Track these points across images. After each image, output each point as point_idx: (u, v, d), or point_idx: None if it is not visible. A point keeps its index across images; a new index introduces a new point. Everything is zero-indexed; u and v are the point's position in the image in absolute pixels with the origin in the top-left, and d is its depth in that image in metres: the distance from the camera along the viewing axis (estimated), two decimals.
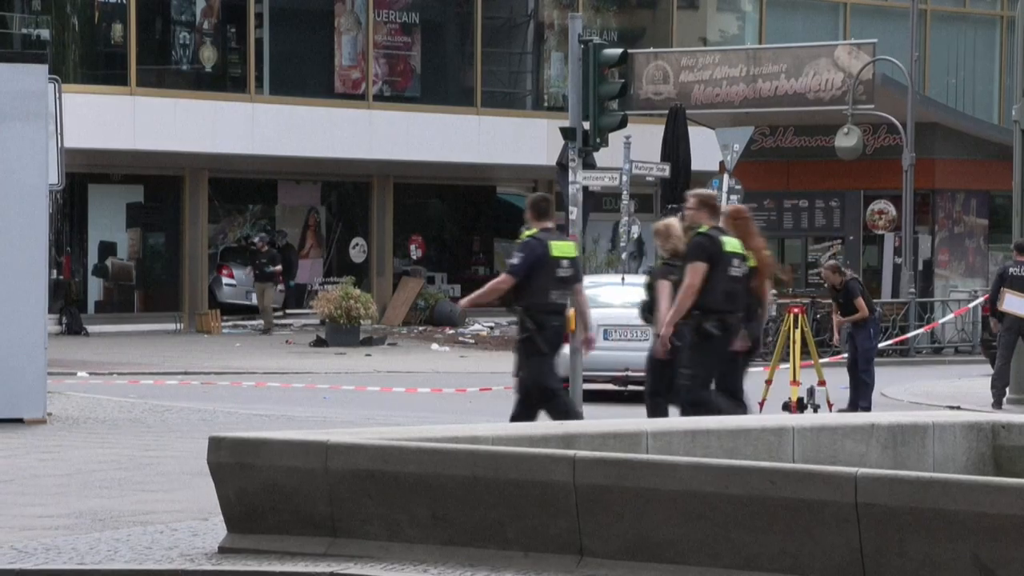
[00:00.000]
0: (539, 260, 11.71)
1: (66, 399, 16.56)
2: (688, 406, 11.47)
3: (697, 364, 11.45)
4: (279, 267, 32.28)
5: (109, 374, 22.85)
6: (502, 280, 11.95)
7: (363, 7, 34.67)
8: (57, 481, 11.18)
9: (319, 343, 29.50)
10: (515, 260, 11.82)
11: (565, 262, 11.89)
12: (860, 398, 18.11)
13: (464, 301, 12.24)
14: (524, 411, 11.92)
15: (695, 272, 11.37)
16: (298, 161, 33.81)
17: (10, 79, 14.60)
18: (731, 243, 11.61)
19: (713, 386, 11.85)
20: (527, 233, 11.95)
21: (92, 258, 33.10)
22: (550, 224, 11.98)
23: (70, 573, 8.07)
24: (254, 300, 33.74)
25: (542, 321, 11.74)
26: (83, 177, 31.43)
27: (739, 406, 11.80)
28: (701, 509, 7.04)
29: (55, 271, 30.65)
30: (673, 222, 12.54)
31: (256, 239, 33.10)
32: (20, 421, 14.22)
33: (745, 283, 11.71)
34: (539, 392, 11.86)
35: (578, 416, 12.12)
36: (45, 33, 31.89)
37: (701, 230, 11.61)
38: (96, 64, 32.60)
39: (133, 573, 8.02)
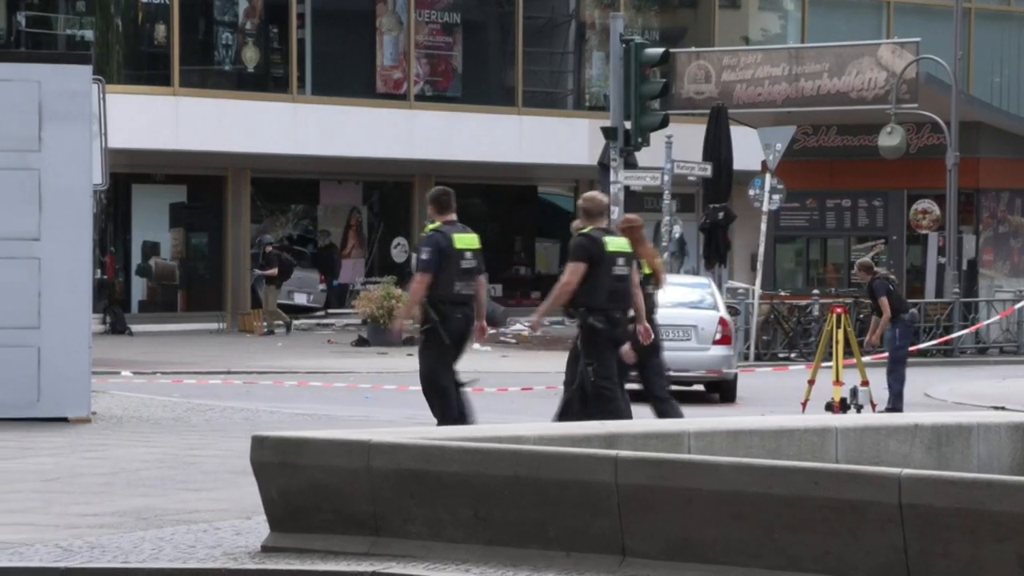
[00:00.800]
0: (444, 252, 11.97)
1: (110, 398, 16.64)
2: (604, 402, 11.81)
3: (597, 357, 11.86)
4: (273, 269, 32.06)
5: (152, 373, 22.95)
6: (419, 280, 12.12)
7: (404, 7, 34.72)
8: (101, 480, 11.24)
9: (361, 343, 29.57)
10: (423, 255, 12.05)
11: (468, 254, 12.17)
12: (889, 401, 17.97)
13: (401, 313, 12.37)
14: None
15: (574, 271, 11.82)
16: (340, 161, 33.89)
17: (55, 80, 14.68)
18: (614, 243, 11.97)
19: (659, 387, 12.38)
20: (430, 227, 12.20)
21: (135, 258, 33.26)
22: (452, 217, 12.23)
23: (115, 572, 8.11)
24: (296, 300, 33.84)
25: (446, 312, 11.99)
26: (127, 177, 31.59)
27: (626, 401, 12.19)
28: (744, 509, 7.02)
29: (99, 271, 30.82)
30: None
31: (265, 239, 32.91)
32: (65, 420, 14.30)
33: (631, 284, 12.09)
34: (428, 385, 12.12)
35: (464, 418, 12.15)
36: (89, 34, 32.06)
37: (584, 231, 11.95)
38: (139, 65, 32.76)
39: (177, 572, 8.05)
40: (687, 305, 21.17)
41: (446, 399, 12.14)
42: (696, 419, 9.74)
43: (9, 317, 14.43)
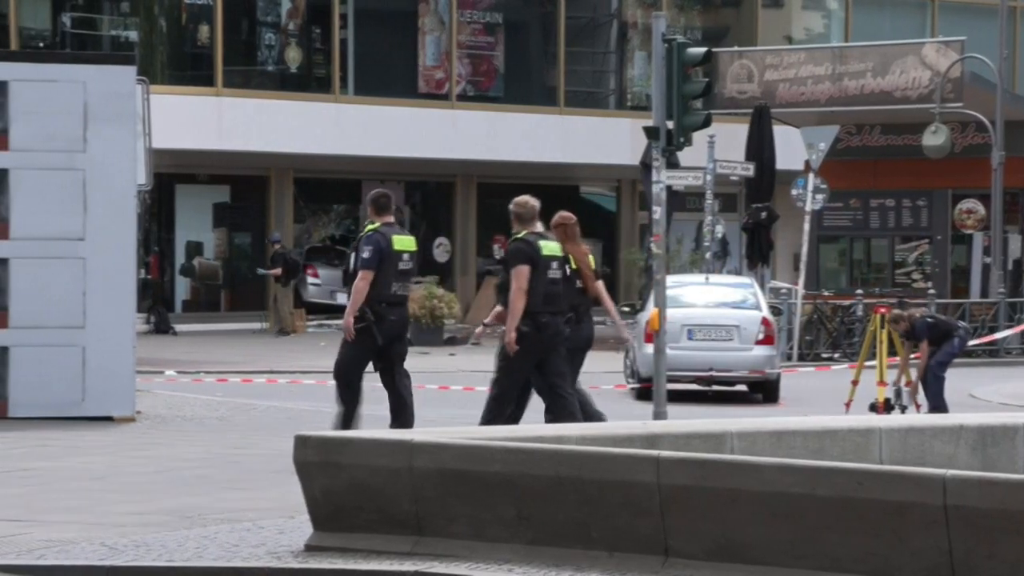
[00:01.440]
0: (384, 253, 12.17)
1: (154, 397, 16.72)
2: (491, 399, 12.03)
3: (511, 360, 11.94)
4: (277, 270, 31.81)
5: (196, 372, 23.04)
6: (362, 278, 12.23)
7: (446, 7, 34.76)
8: (146, 479, 11.30)
9: None
10: (365, 254, 12.22)
11: (406, 256, 12.40)
12: (928, 402, 17.79)
13: (348, 312, 12.43)
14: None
15: (520, 275, 11.91)
16: (382, 161, 33.94)
17: (99, 81, 14.76)
18: (549, 247, 12.13)
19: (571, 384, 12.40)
20: (370, 227, 12.39)
21: (179, 258, 33.40)
22: (391, 219, 12.48)
23: (159, 570, 8.15)
24: (339, 300, 33.88)
25: (382, 313, 12.21)
26: (170, 177, 31.73)
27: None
28: (787, 510, 7.00)
29: (143, 271, 30.96)
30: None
31: (273, 238, 32.63)
32: (110, 419, 14.38)
33: (567, 286, 12.21)
34: (339, 374, 12.40)
35: (356, 402, 12.39)
36: (133, 35, 32.21)
37: (519, 235, 12.09)
38: (183, 65, 32.90)
39: (221, 570, 8.08)
40: (729, 305, 21.13)
41: (350, 391, 12.41)
42: (739, 419, 9.72)
43: (54, 317, 14.52)
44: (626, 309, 25.03)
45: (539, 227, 12.21)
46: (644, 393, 19.22)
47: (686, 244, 35.25)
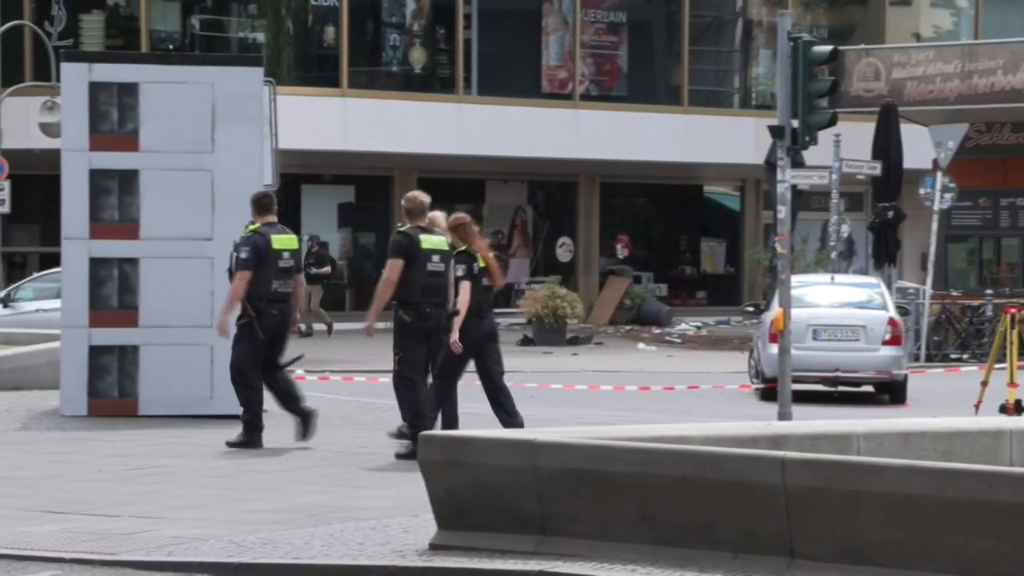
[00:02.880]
0: (262, 252, 12.86)
1: None
2: (402, 390, 12.64)
3: (404, 348, 12.61)
4: (327, 268, 31.58)
5: (322, 371, 23.24)
6: (239, 278, 12.94)
7: (570, 7, 34.75)
8: (272, 477, 11.41)
9: (526, 342, 29.66)
10: (242, 255, 12.92)
11: (286, 254, 13.04)
12: None
13: (223, 310, 13.23)
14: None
15: (392, 268, 12.55)
16: (505, 161, 34.02)
17: (227, 82, 14.93)
18: (430, 241, 12.62)
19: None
20: (250, 228, 13.07)
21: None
22: (272, 219, 13.15)
23: (286, 567, 8.22)
24: None
25: (262, 309, 12.87)
26: (296, 178, 32.03)
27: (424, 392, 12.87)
28: (915, 512, 6.91)
29: None
30: (438, 215, 13.32)
31: (307, 238, 32.42)
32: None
33: (476, 283, 12.70)
34: (235, 375, 12.94)
35: (259, 403, 12.90)
36: (260, 37, 32.57)
37: (401, 229, 12.68)
38: (309, 66, 33.20)
39: (347, 568, 8.14)
40: (855, 305, 20.91)
41: (251, 390, 12.92)
42: (865, 420, 9.61)
43: (183, 316, 14.72)
44: (750, 309, 24.88)
45: (426, 222, 12.69)
46: (768, 393, 19.08)
47: (811, 244, 34.96)
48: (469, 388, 13.66)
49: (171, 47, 32.00)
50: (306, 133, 29.84)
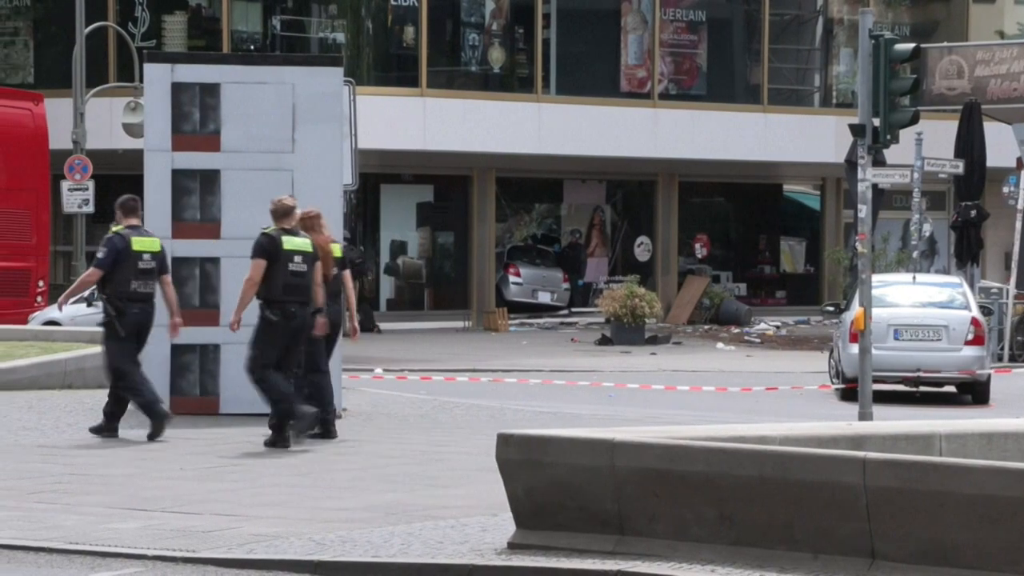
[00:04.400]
0: (121, 254, 13.46)
1: (360, 395, 16.95)
2: (254, 383, 13.02)
3: (259, 346, 13.01)
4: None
5: (401, 370, 23.32)
6: (90, 273, 13.72)
7: (649, 6, 34.68)
8: (351, 475, 11.46)
9: (604, 341, 29.63)
10: (99, 255, 13.61)
11: (147, 256, 13.59)
12: None
13: (63, 298, 14.34)
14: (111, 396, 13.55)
15: (255, 268, 13.03)
16: (584, 160, 33.99)
17: (308, 82, 15.02)
18: (292, 242, 13.11)
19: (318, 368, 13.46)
20: (114, 229, 13.65)
21: (384, 257, 33.84)
22: (136, 221, 13.74)
23: (365, 565, 8.26)
24: (540, 299, 34.04)
25: (122, 308, 13.49)
26: (376, 177, 32.16)
27: (322, 380, 13.52)
28: (999, 514, 6.85)
29: None
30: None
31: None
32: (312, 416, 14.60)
33: (311, 277, 13.21)
34: (111, 372, 13.51)
35: (155, 397, 13.48)
36: (340, 37, 32.72)
37: (265, 231, 13.15)
38: (388, 66, 33.32)
39: (425, 567, 8.17)
40: (937, 305, 20.74)
41: (129, 380, 13.44)
42: (948, 421, 9.53)
43: None
44: (830, 308, 24.72)
45: (292, 224, 13.16)
46: (849, 394, 18.96)
47: (892, 243, 34.68)
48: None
49: (252, 48, 32.22)
50: (385, 133, 29.94)
